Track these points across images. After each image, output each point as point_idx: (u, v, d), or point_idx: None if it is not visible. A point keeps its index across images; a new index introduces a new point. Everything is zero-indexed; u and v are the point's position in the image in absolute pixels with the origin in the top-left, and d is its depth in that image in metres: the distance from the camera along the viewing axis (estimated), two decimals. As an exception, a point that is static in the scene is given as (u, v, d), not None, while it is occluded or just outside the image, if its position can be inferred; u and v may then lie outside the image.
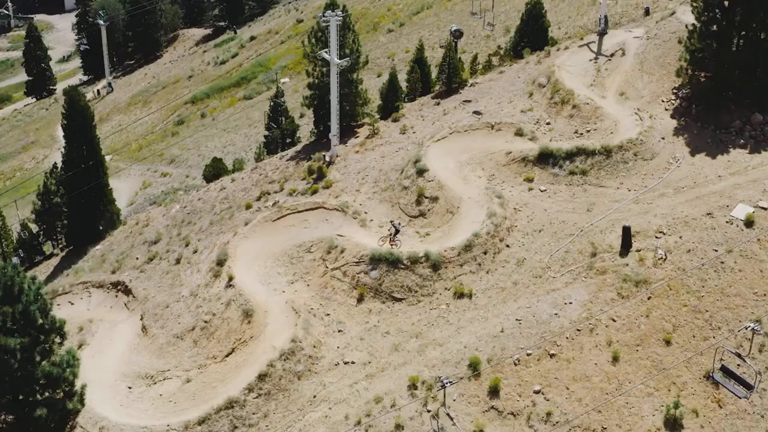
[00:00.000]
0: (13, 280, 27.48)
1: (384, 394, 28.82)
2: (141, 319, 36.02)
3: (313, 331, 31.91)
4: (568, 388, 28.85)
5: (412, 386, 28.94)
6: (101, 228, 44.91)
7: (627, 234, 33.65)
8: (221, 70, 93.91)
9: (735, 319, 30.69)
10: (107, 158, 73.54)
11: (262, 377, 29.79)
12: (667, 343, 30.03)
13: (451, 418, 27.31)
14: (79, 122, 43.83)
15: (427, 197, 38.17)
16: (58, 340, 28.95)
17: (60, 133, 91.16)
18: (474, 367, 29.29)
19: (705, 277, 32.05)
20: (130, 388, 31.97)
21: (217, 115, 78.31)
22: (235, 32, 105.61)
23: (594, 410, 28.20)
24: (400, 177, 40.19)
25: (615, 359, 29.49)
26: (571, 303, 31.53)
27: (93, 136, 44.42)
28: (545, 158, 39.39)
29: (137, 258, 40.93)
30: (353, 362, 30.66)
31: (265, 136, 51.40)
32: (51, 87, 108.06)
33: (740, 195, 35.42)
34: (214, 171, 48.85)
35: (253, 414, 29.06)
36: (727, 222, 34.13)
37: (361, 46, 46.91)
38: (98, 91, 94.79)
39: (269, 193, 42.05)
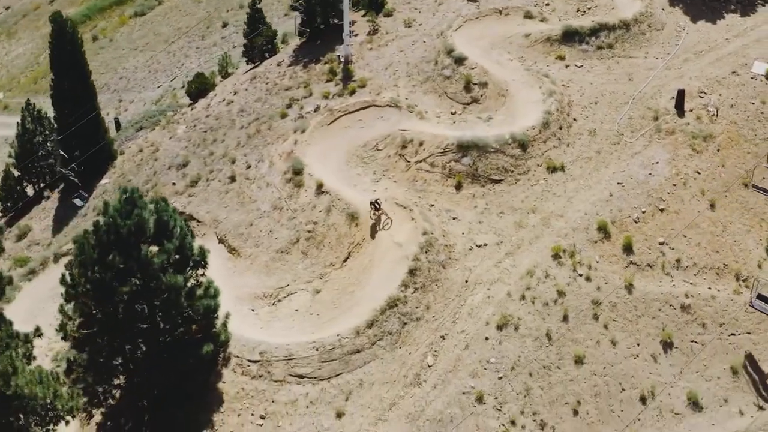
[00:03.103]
0: (166, 215, 24.65)
1: (534, 267, 29.74)
2: (221, 242, 33.54)
3: (433, 221, 31.73)
4: (685, 236, 31.48)
5: (556, 255, 30.10)
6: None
7: (681, 96, 36.37)
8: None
9: (790, 160, 34.91)
10: (-1, 95, 64.77)
11: (412, 272, 29.37)
12: (746, 186, 33.49)
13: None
14: (68, 51, 38.23)
15: (475, 84, 38.28)
16: (200, 271, 26.61)
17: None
18: (603, 229, 30.97)
19: (753, 126, 35.74)
20: (253, 310, 30.12)
21: (113, 35, 71.02)
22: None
23: (713, 251, 31.18)
24: (436, 68, 39.78)
25: (712, 206, 32.48)
26: (657, 162, 33.90)
27: (84, 64, 39.03)
28: (570, 36, 40.77)
29: (173, 183, 37.44)
30: (485, 244, 31.06)
31: (245, 45, 47.95)
32: None
33: (752, 54, 39.36)
34: (199, 87, 45.02)
35: (416, 308, 28.78)
36: (751, 78, 37.94)
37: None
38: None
39: (298, 99, 39.84)
